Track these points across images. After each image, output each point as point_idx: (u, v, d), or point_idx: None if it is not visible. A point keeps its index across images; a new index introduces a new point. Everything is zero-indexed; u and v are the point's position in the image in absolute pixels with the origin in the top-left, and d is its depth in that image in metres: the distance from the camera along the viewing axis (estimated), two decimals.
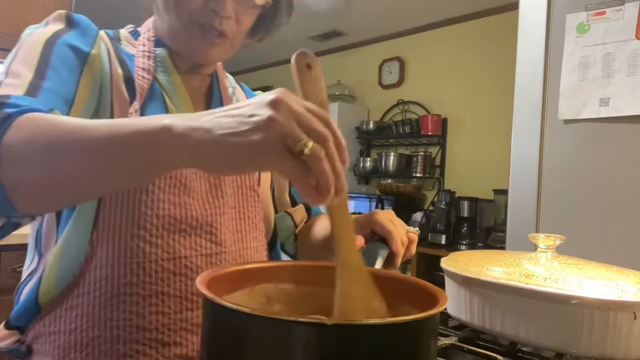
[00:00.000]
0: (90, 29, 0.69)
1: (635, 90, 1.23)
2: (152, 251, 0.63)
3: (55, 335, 0.62)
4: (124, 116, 0.66)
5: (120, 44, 0.73)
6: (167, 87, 0.72)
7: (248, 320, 0.39)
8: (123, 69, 0.69)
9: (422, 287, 0.52)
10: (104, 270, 0.62)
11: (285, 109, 0.39)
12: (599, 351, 0.59)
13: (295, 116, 0.39)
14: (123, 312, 0.62)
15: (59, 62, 0.61)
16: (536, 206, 1.40)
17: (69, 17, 0.68)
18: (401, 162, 3.82)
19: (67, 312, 0.62)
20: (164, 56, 0.73)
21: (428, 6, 3.53)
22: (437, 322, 0.46)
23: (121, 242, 0.62)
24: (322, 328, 0.37)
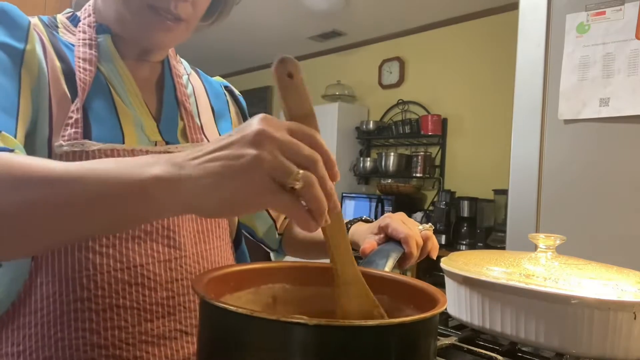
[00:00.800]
0: (20, 20, 0.61)
1: (635, 90, 1.23)
2: (103, 262, 0.58)
3: (2, 358, 0.58)
4: (63, 118, 0.60)
5: (58, 32, 0.67)
6: (113, 79, 0.66)
7: (245, 322, 0.38)
8: (62, 62, 0.63)
9: (422, 289, 0.52)
10: (51, 286, 0.57)
11: (269, 142, 0.38)
12: (599, 351, 0.59)
13: (280, 147, 0.38)
14: (75, 330, 0.57)
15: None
16: (536, 206, 1.40)
17: None
18: (401, 162, 3.82)
19: (13, 333, 0.58)
20: (107, 44, 0.67)
21: (428, 6, 3.53)
22: (437, 323, 0.46)
23: (67, 255, 0.57)
24: (321, 329, 0.37)
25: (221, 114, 0.83)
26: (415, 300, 0.52)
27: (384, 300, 0.56)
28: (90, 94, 0.63)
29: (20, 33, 0.60)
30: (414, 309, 0.53)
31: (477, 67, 3.55)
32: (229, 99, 0.88)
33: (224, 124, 0.83)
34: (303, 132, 0.40)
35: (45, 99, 0.60)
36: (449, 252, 0.83)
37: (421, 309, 0.51)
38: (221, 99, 0.86)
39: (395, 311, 0.55)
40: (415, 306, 0.52)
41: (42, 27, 0.65)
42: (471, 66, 3.59)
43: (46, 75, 0.61)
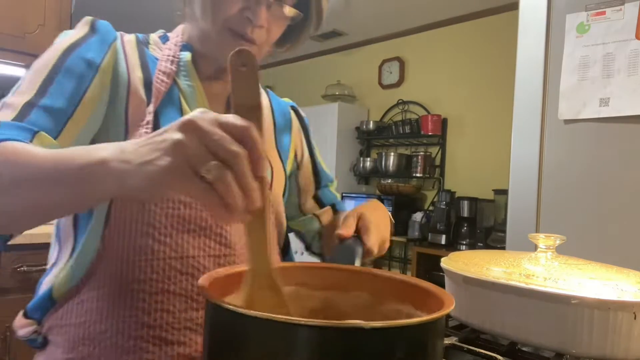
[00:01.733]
0: (108, 36, 0.71)
1: (635, 90, 1.23)
2: (160, 249, 0.65)
3: (66, 327, 0.65)
4: (139, 117, 0.68)
5: (148, 48, 0.75)
6: (186, 92, 0.74)
7: (249, 323, 0.38)
8: (144, 72, 0.71)
9: (427, 289, 0.52)
10: (114, 266, 0.64)
11: (194, 130, 0.40)
12: (599, 351, 0.59)
13: (203, 137, 0.40)
14: (129, 308, 0.63)
15: (67, 75, 0.64)
16: (536, 206, 1.40)
17: (92, 25, 0.71)
18: (401, 162, 3.82)
19: (78, 305, 0.65)
20: (187, 60, 0.74)
21: (428, 6, 3.53)
22: (443, 324, 0.45)
23: (131, 239, 0.64)
24: (325, 331, 0.37)
25: (282, 129, 0.90)
26: (419, 301, 0.52)
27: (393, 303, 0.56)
28: (164, 102, 0.71)
29: (104, 47, 0.69)
30: (418, 309, 0.52)
31: (478, 67, 3.55)
32: (294, 117, 0.94)
33: (284, 139, 0.90)
34: (234, 126, 0.41)
35: (122, 100, 0.68)
36: (449, 252, 0.83)
37: (425, 309, 0.51)
38: (286, 116, 0.92)
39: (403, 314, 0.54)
40: (419, 307, 0.52)
41: (135, 42, 0.74)
42: (471, 66, 3.59)
43: (125, 81, 0.69)
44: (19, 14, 2.22)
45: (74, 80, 0.64)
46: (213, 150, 0.40)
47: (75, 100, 0.64)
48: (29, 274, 1.83)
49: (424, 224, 3.53)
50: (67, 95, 0.63)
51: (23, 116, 0.59)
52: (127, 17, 4.04)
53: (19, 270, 1.82)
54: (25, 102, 0.60)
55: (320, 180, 0.96)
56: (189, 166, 0.40)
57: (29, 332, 0.68)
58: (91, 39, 0.69)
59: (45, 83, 0.63)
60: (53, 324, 0.67)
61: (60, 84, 0.63)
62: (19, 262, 1.82)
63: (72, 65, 0.65)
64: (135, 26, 4.20)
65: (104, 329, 0.63)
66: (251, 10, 0.68)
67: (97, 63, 0.67)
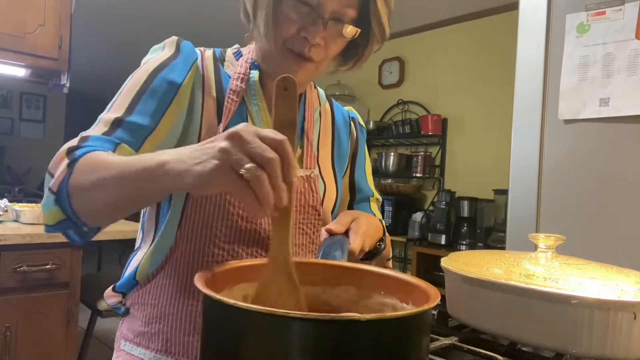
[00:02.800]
0: (190, 57, 0.79)
1: (635, 90, 1.23)
2: (219, 253, 0.75)
3: (145, 305, 0.78)
4: (210, 134, 0.77)
5: (223, 65, 0.83)
6: (252, 112, 0.81)
7: (246, 317, 0.39)
8: (217, 93, 0.80)
9: (412, 283, 0.53)
10: (182, 262, 0.75)
11: (237, 139, 0.49)
12: (599, 351, 0.59)
13: (243, 144, 0.49)
14: (192, 298, 0.75)
15: (152, 96, 0.74)
16: (536, 206, 1.40)
17: (178, 45, 0.80)
18: (401, 162, 3.82)
19: (155, 289, 0.78)
20: (255, 80, 0.81)
21: (428, 6, 3.53)
22: (429, 319, 0.47)
23: (197, 242, 0.75)
24: (321, 323, 0.37)
25: (342, 138, 0.96)
26: (408, 296, 0.54)
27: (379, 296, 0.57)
28: (232, 121, 0.78)
29: (186, 68, 0.78)
30: (407, 304, 0.54)
31: (477, 67, 3.55)
32: (353, 129, 1.01)
33: (343, 146, 0.96)
34: (271, 138, 0.50)
35: (197, 120, 0.78)
36: (449, 252, 0.83)
37: (414, 303, 0.52)
38: (346, 128, 0.99)
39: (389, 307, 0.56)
40: (408, 302, 0.54)
41: (212, 59, 0.82)
42: (471, 66, 3.59)
43: (200, 105, 0.78)
44: (19, 14, 2.22)
45: (157, 100, 0.74)
46: (251, 155, 0.48)
47: (157, 119, 0.73)
48: (29, 274, 1.84)
49: (424, 224, 3.53)
50: (149, 113, 0.73)
51: (111, 131, 0.70)
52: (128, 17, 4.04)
53: (19, 270, 1.82)
54: (114, 119, 0.71)
55: (355, 193, 1.00)
56: (231, 167, 0.49)
57: (115, 302, 0.82)
58: (176, 60, 0.77)
59: (133, 102, 0.73)
60: (135, 300, 0.80)
61: (145, 103, 0.73)
62: (19, 262, 1.82)
63: (157, 86, 0.74)
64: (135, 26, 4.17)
65: (172, 311, 0.75)
66: (307, 30, 0.73)
67: (179, 83, 0.76)
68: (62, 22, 2.34)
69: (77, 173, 0.63)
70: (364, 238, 0.77)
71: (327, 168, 0.90)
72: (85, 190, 0.62)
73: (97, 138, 0.68)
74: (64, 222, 0.65)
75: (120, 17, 4.10)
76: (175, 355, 0.75)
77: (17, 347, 1.82)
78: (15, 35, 2.21)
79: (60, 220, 0.65)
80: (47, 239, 1.87)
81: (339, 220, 0.79)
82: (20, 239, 1.82)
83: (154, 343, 0.77)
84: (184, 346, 0.75)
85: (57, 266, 1.90)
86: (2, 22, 2.18)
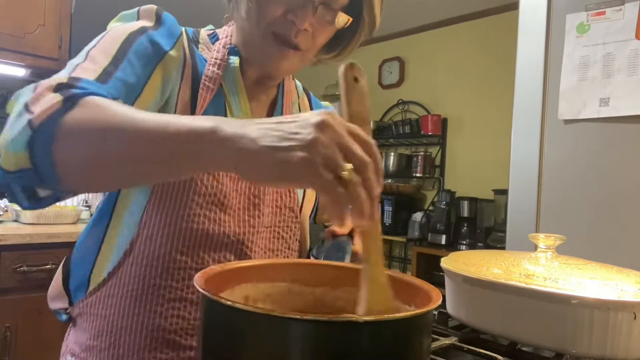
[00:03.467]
0: (175, 30, 0.70)
1: (635, 90, 1.23)
2: (181, 259, 0.67)
3: (93, 316, 0.69)
4: None
5: (197, 47, 0.74)
6: (231, 98, 0.73)
7: (245, 318, 0.39)
8: (193, 77, 0.71)
9: (415, 285, 0.53)
10: (139, 268, 0.67)
11: (330, 131, 0.41)
12: (599, 351, 0.59)
13: (338, 140, 0.41)
14: (149, 310, 0.66)
15: (136, 55, 0.63)
16: (536, 206, 1.40)
17: (158, 15, 0.69)
18: (401, 162, 3.82)
19: (105, 299, 0.69)
20: (235, 66, 0.73)
21: (428, 6, 3.53)
22: (431, 320, 0.46)
23: (156, 246, 0.67)
24: (320, 325, 0.37)
25: None
26: (409, 297, 0.53)
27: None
28: (207, 111, 0.70)
29: (171, 40, 0.68)
30: (409, 305, 0.53)
31: (477, 67, 3.55)
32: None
33: None
34: (361, 137, 0.42)
35: (173, 102, 0.68)
36: (449, 252, 0.83)
37: (415, 305, 0.52)
38: None
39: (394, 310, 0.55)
40: (409, 303, 0.53)
41: (186, 39, 0.72)
42: (471, 66, 3.59)
43: (178, 84, 0.68)
44: (19, 14, 2.22)
45: (142, 62, 0.64)
46: (347, 154, 0.41)
47: (142, 82, 0.63)
48: (29, 274, 1.83)
49: (424, 224, 3.53)
50: (136, 74, 0.62)
51: (103, 81, 0.57)
52: None
53: (19, 270, 1.82)
54: (102, 69, 0.58)
55: None
56: (323, 165, 0.40)
57: (60, 307, 0.74)
58: (158, 29, 0.68)
59: (117, 57, 0.61)
60: (82, 310, 0.71)
61: (131, 62, 0.62)
62: (19, 262, 1.82)
63: (141, 48, 0.64)
64: None
65: (123, 324, 0.67)
66: (295, 13, 0.66)
67: (165, 50, 0.67)
68: (62, 22, 2.34)
69: (78, 111, 0.48)
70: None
71: None
72: (85, 136, 0.48)
73: (94, 83, 0.55)
74: (25, 173, 0.48)
75: None
76: None
77: (17, 347, 1.82)
78: (15, 35, 2.21)
79: (21, 169, 0.48)
80: (47, 239, 1.88)
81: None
82: (20, 239, 1.82)
83: (104, 359, 0.68)
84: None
85: (57, 266, 1.89)
86: (2, 22, 2.18)
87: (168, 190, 0.66)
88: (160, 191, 0.66)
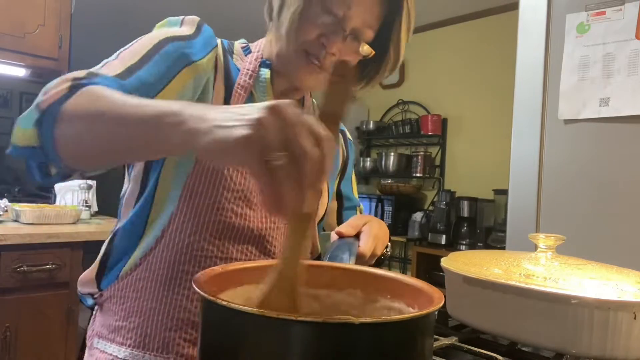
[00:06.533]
0: (211, 41, 0.77)
1: (635, 90, 1.23)
2: (208, 248, 0.73)
3: (124, 298, 0.76)
4: None
5: (232, 57, 0.81)
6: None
7: (239, 318, 0.39)
8: (227, 82, 0.78)
9: (419, 287, 0.53)
10: (169, 254, 0.73)
11: (278, 116, 0.40)
12: (599, 351, 0.59)
13: (284, 124, 0.40)
14: (176, 293, 0.73)
15: (162, 57, 0.69)
16: (536, 206, 1.40)
17: (199, 26, 0.77)
18: (401, 162, 3.82)
19: (136, 282, 0.75)
20: (266, 77, 0.81)
21: (428, 6, 3.53)
22: (433, 321, 0.46)
23: (186, 235, 0.73)
24: (318, 326, 0.37)
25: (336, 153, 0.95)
26: (411, 298, 0.53)
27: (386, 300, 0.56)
28: None
29: (206, 49, 0.75)
30: (410, 306, 0.53)
31: (478, 67, 3.55)
32: (342, 142, 1.00)
33: (336, 162, 0.96)
34: (313, 129, 0.41)
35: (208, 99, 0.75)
36: (449, 252, 0.83)
37: (417, 306, 0.52)
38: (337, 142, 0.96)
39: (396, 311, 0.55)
40: (411, 304, 0.53)
41: (221, 49, 0.80)
42: (471, 66, 3.59)
43: (211, 92, 0.76)
44: (19, 14, 2.22)
45: (166, 65, 0.69)
46: (289, 141, 0.39)
47: (163, 83, 0.69)
48: (29, 274, 1.83)
49: (424, 223, 3.53)
50: (158, 75, 0.68)
51: (124, 77, 0.64)
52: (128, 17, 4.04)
53: (19, 270, 1.82)
54: (126, 67, 0.65)
55: (343, 202, 1.01)
56: (261, 145, 0.40)
57: (89, 291, 0.80)
58: (195, 39, 0.75)
59: (144, 59, 0.68)
60: (113, 293, 0.77)
61: (156, 63, 0.68)
62: (19, 262, 1.82)
63: (170, 51, 0.70)
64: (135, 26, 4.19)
65: (152, 306, 0.73)
66: (327, 37, 0.74)
67: (194, 60, 0.73)
68: (62, 22, 2.34)
69: (77, 97, 0.55)
70: (376, 241, 0.77)
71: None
72: (78, 118, 0.54)
73: (109, 79, 0.62)
74: (35, 150, 0.56)
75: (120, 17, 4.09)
76: (153, 352, 0.73)
77: (17, 347, 1.82)
78: (15, 35, 2.21)
79: (29, 146, 0.56)
80: (47, 239, 1.88)
81: (349, 223, 0.79)
82: (20, 239, 1.82)
83: (130, 339, 0.74)
84: (163, 341, 0.73)
85: (57, 266, 1.90)
86: (2, 22, 2.18)
87: (200, 184, 0.72)
88: (192, 185, 0.72)
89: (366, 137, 4.13)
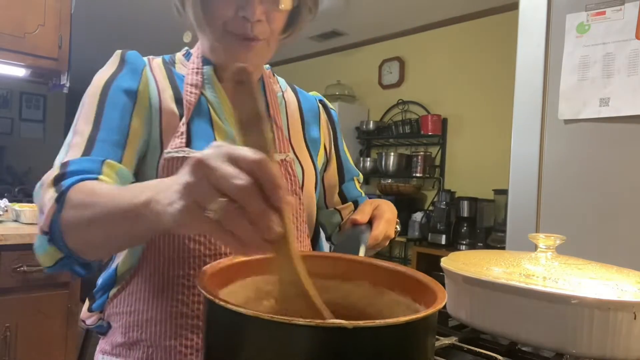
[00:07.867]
0: (137, 64, 0.78)
1: (635, 90, 1.23)
2: (196, 248, 0.71)
3: (120, 315, 0.75)
4: (172, 130, 0.74)
5: (174, 67, 0.82)
6: (213, 102, 0.78)
7: (235, 318, 0.39)
8: (173, 90, 0.77)
9: (425, 283, 0.52)
10: (157, 262, 0.72)
11: (201, 169, 0.39)
12: (599, 351, 0.59)
13: (209, 175, 0.39)
14: (170, 299, 0.71)
15: (112, 108, 0.72)
16: (536, 206, 1.40)
17: (122, 58, 0.78)
18: (401, 162, 3.82)
19: (128, 297, 0.74)
20: (210, 73, 0.79)
21: (428, 6, 3.53)
22: (435, 320, 0.46)
23: (170, 239, 0.71)
24: (319, 330, 0.37)
25: (310, 122, 0.93)
26: (415, 293, 0.53)
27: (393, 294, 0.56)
28: (194, 114, 0.76)
29: (136, 76, 0.76)
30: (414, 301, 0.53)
31: (477, 67, 3.55)
32: (321, 110, 0.98)
33: (313, 133, 0.93)
34: (245, 159, 0.39)
35: (156, 120, 0.75)
36: (449, 252, 0.83)
37: (420, 301, 0.51)
38: (313, 110, 0.96)
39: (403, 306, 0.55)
40: (414, 298, 0.53)
41: (162, 64, 0.81)
42: (471, 66, 3.59)
43: (157, 103, 0.75)
44: (19, 14, 2.22)
45: (118, 112, 0.72)
46: (219, 187, 0.38)
47: (124, 131, 0.71)
48: (29, 274, 1.83)
49: (424, 223, 3.53)
50: (115, 127, 0.71)
51: (88, 151, 0.67)
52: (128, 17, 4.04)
53: (19, 270, 1.81)
54: (86, 139, 0.68)
55: (344, 175, 1.01)
56: (198, 207, 0.39)
57: (94, 320, 0.79)
58: (123, 70, 0.76)
59: (97, 119, 0.70)
60: (110, 312, 0.76)
61: (109, 117, 0.71)
62: (19, 262, 1.82)
63: (114, 98, 0.72)
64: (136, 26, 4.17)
65: (150, 316, 0.72)
66: (244, 9, 0.70)
67: (134, 90, 0.74)
68: (62, 22, 2.33)
69: (67, 209, 0.59)
70: (387, 224, 0.80)
71: (302, 150, 0.88)
72: (76, 228, 0.59)
73: (80, 161, 0.65)
74: (64, 260, 0.62)
75: (120, 17, 4.09)
76: None
77: (17, 347, 1.82)
78: (15, 35, 2.21)
79: (59, 259, 0.62)
80: None
81: (362, 209, 0.81)
82: (20, 239, 1.82)
83: (135, 352, 0.73)
84: (167, 351, 0.71)
85: None
86: (2, 22, 2.18)
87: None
88: None
89: (366, 137, 4.13)
